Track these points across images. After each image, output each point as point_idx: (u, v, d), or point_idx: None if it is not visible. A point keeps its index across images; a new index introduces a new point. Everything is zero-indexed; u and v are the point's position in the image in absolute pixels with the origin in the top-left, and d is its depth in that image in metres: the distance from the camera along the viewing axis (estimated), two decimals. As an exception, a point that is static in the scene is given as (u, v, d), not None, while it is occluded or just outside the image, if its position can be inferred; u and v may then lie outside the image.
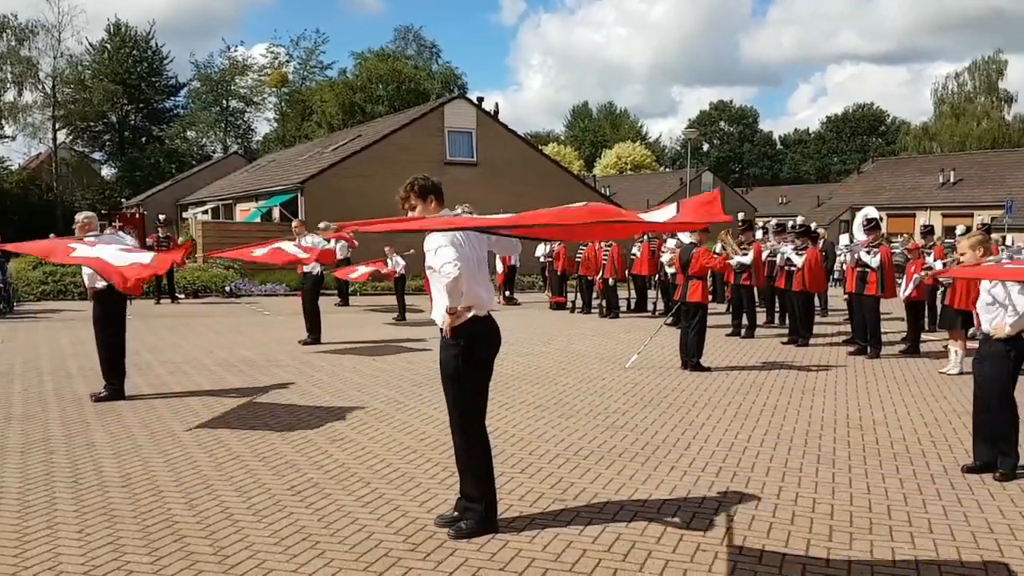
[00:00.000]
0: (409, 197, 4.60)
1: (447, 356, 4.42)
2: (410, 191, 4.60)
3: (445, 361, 4.44)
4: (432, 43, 67.35)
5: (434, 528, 4.52)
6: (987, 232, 11.38)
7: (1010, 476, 5.49)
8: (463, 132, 27.79)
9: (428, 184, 4.60)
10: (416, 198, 4.59)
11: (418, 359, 10.44)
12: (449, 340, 4.37)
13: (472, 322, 4.39)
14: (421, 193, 4.58)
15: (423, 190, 4.58)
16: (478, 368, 4.46)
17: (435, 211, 4.60)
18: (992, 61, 60.26)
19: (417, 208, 4.60)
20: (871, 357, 10.98)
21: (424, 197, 4.58)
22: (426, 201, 4.57)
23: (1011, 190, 38.67)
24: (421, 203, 4.58)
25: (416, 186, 4.59)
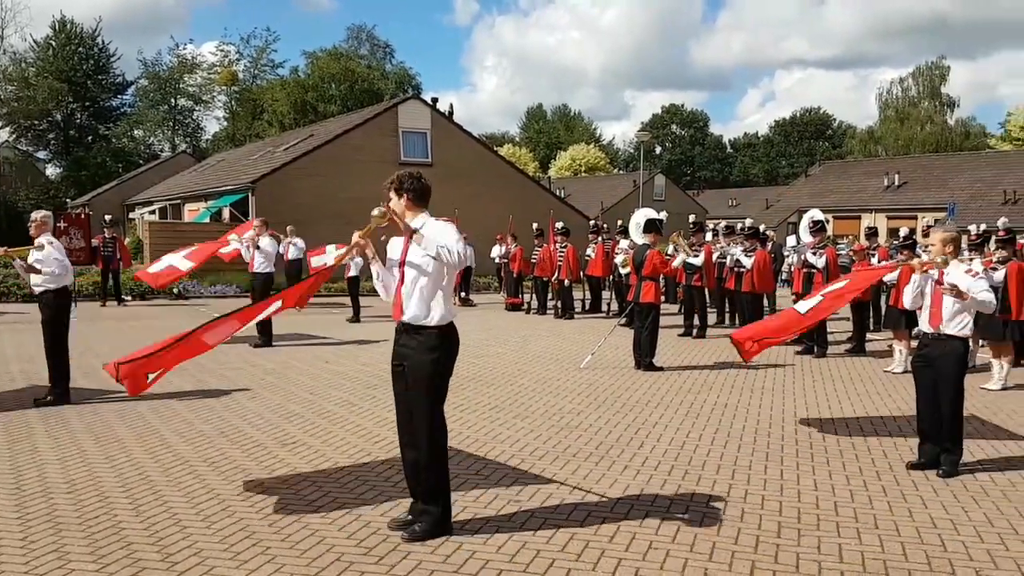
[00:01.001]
0: (390, 188, 4.47)
1: (424, 359, 4.36)
2: (389, 187, 4.45)
3: (420, 364, 4.37)
4: (385, 43, 67.11)
5: (388, 531, 4.49)
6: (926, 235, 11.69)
7: (953, 473, 5.65)
8: (418, 132, 27.68)
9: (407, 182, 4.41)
10: (393, 191, 4.45)
11: (372, 360, 10.37)
12: (428, 343, 4.33)
13: (451, 326, 4.42)
14: (399, 187, 4.42)
15: (400, 185, 4.42)
16: (449, 370, 4.48)
17: (411, 214, 4.43)
18: (935, 67, 61.98)
19: (392, 201, 4.47)
20: (818, 356, 11.22)
21: (399, 193, 4.43)
22: (399, 197, 4.43)
23: (953, 193, 39.82)
24: (396, 197, 4.45)
25: (397, 180, 4.44)
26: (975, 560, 4.21)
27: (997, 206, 35.31)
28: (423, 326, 4.37)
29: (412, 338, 4.41)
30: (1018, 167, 40.74)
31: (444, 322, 4.38)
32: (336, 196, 24.29)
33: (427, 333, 4.36)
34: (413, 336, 4.40)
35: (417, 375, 4.39)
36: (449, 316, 4.41)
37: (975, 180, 41.25)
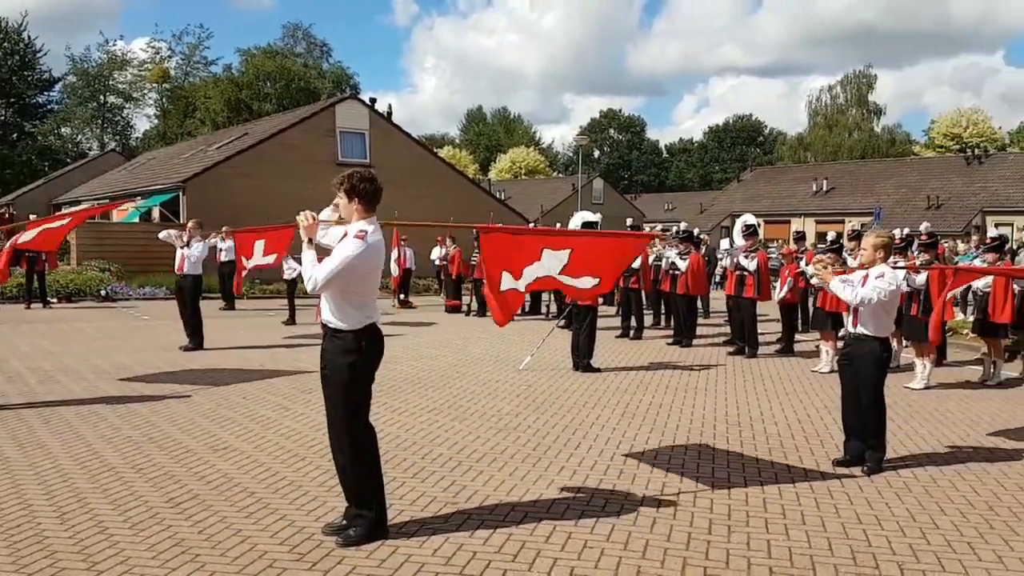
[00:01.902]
0: (338, 188, 4.38)
1: (341, 362, 4.31)
2: (340, 185, 4.36)
3: (338, 367, 4.33)
4: (322, 42, 66.35)
5: (321, 537, 4.43)
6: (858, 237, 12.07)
7: (877, 469, 5.85)
8: (356, 133, 27.40)
9: (360, 186, 4.31)
10: (343, 192, 4.36)
11: (308, 364, 10.22)
12: (345, 346, 4.29)
13: (372, 330, 4.37)
14: (350, 190, 4.33)
15: (352, 188, 4.33)
16: (370, 374, 4.42)
17: (359, 215, 4.34)
18: (863, 75, 64.12)
19: (341, 203, 4.39)
20: (749, 357, 11.49)
21: (349, 196, 4.34)
22: (350, 200, 4.34)
23: (879, 198, 41.22)
24: (345, 200, 4.36)
25: (347, 181, 4.33)
26: (898, 554, 4.36)
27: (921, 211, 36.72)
28: (340, 329, 4.32)
29: (331, 341, 4.37)
30: (941, 173, 42.42)
31: (360, 325, 4.31)
32: (271, 196, 23.84)
33: (344, 336, 4.31)
34: (332, 339, 4.37)
35: (335, 378, 4.34)
36: (368, 319, 4.34)
37: (900, 186, 42.78)
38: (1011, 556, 4.33)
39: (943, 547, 4.46)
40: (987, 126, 61.88)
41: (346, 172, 4.42)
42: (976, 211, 37.52)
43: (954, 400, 8.63)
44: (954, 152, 54.85)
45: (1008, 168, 40.48)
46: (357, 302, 4.31)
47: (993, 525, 4.80)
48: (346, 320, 4.31)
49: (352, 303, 4.31)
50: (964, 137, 60.19)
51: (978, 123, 61.51)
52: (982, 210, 37.50)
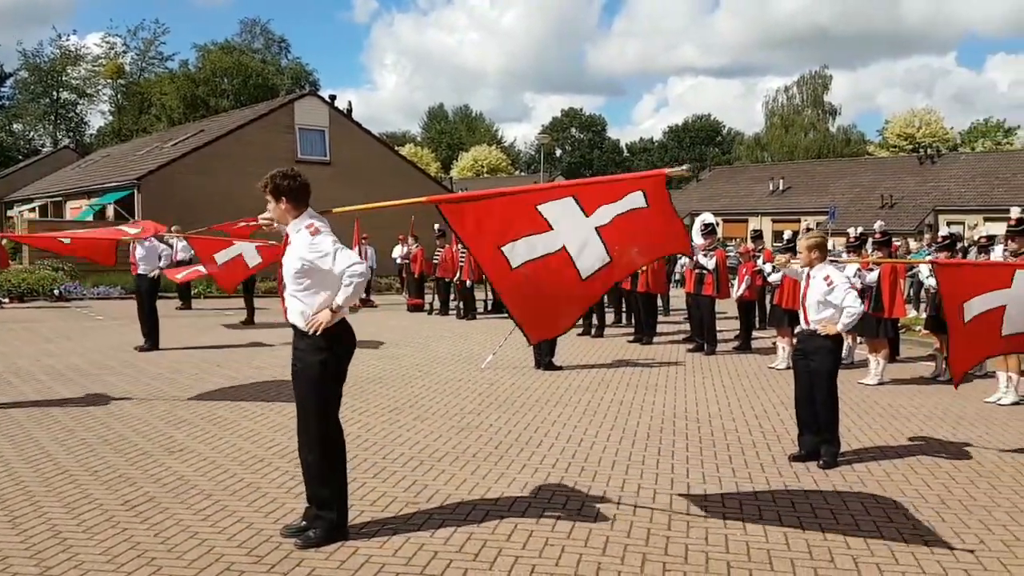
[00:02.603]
0: (264, 191, 4.36)
1: (312, 360, 4.28)
2: (264, 188, 4.35)
3: (309, 365, 4.29)
4: (281, 37, 65.64)
5: (280, 539, 4.39)
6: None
7: (832, 464, 5.96)
8: (315, 130, 27.14)
9: (283, 185, 4.30)
10: (269, 195, 4.35)
11: (267, 364, 10.10)
12: (316, 344, 4.25)
13: (342, 327, 4.34)
14: (274, 192, 4.32)
15: (276, 190, 4.31)
16: (341, 372, 4.39)
17: (290, 214, 4.33)
18: (818, 76, 65.14)
19: (269, 206, 4.38)
20: (707, 354, 11.62)
21: (276, 198, 4.32)
22: (277, 202, 4.33)
23: (834, 197, 41.92)
24: (273, 202, 4.36)
25: (271, 183, 4.31)
26: (852, 548, 4.44)
27: (875, 210, 37.37)
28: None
29: (301, 339, 4.35)
30: (895, 172, 43.27)
31: (329, 325, 4.28)
32: (228, 194, 23.50)
33: (313, 335, 4.28)
34: (302, 338, 4.34)
35: (306, 376, 4.32)
36: (338, 319, 4.32)
37: (855, 185, 43.56)
38: (962, 548, 4.44)
39: (896, 540, 4.55)
40: (939, 126, 63.24)
41: (266, 176, 4.37)
42: (929, 210, 38.35)
43: (907, 395, 8.83)
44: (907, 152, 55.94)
45: (960, 168, 41.46)
46: (326, 299, 4.28)
47: (944, 518, 4.92)
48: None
49: (323, 301, 4.28)
50: (917, 137, 61.44)
51: (931, 123, 62.83)
52: (934, 209, 38.34)
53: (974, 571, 4.14)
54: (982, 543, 4.51)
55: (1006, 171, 38.97)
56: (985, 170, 39.92)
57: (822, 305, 6.02)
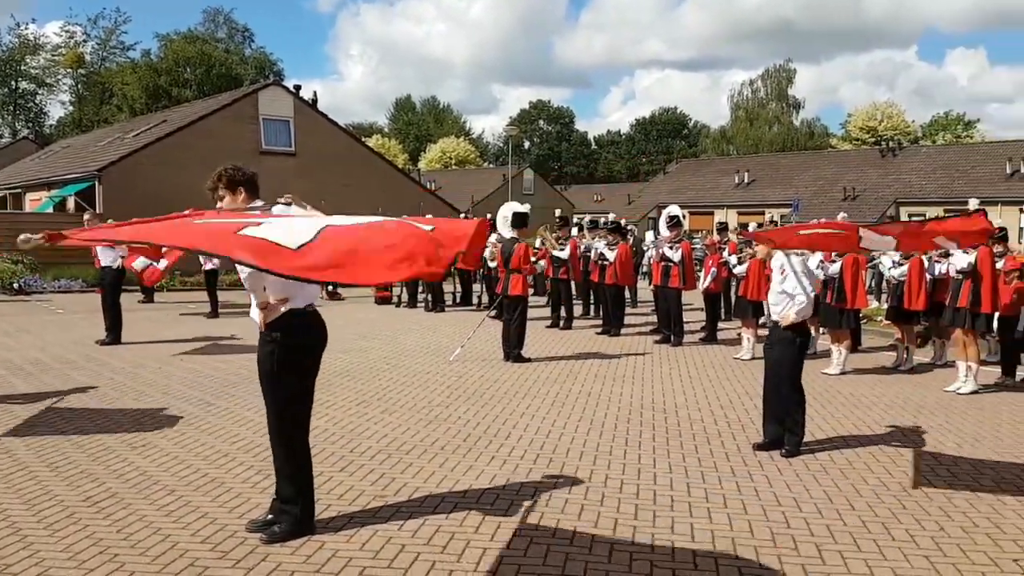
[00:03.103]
0: (217, 188, 4.40)
1: (264, 353, 4.26)
2: (218, 181, 4.39)
3: (262, 359, 4.28)
4: (244, 27, 64.88)
5: (245, 534, 4.35)
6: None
7: (795, 452, 6.04)
8: (280, 120, 26.81)
9: (237, 175, 4.39)
10: (224, 189, 4.39)
11: (231, 358, 9.99)
12: (267, 337, 4.22)
13: (291, 315, 4.26)
14: (230, 184, 4.38)
15: (232, 181, 4.38)
16: (298, 364, 4.32)
17: (245, 203, 4.38)
18: (782, 70, 65.83)
19: (225, 199, 4.40)
20: (674, 345, 11.71)
21: (233, 189, 4.38)
22: (235, 193, 4.38)
23: (798, 189, 42.43)
24: (230, 195, 4.39)
25: (224, 176, 4.39)
26: (815, 535, 4.51)
27: (838, 202, 37.97)
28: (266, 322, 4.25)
29: (261, 334, 4.31)
30: (857, 165, 43.90)
31: (271, 318, 4.23)
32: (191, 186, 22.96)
33: (269, 328, 4.24)
34: (259, 331, 4.31)
35: (261, 370, 4.30)
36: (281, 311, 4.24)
37: (818, 178, 44.13)
38: (923, 535, 4.53)
39: (859, 527, 4.63)
40: (901, 120, 64.30)
41: (214, 174, 4.42)
42: (890, 202, 38.98)
43: (868, 385, 8.97)
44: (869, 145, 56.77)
45: (920, 160, 42.16)
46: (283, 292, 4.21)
47: (906, 505, 5.01)
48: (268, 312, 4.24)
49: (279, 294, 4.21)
50: (879, 130, 62.41)
51: (892, 117, 63.85)
52: (896, 201, 38.99)
53: (934, 557, 4.22)
54: (942, 530, 4.61)
55: (966, 164, 39.73)
56: (945, 163, 40.66)
57: (780, 295, 6.11)
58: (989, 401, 8.14)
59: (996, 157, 38.56)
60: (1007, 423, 7.22)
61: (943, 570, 4.06)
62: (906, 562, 4.15)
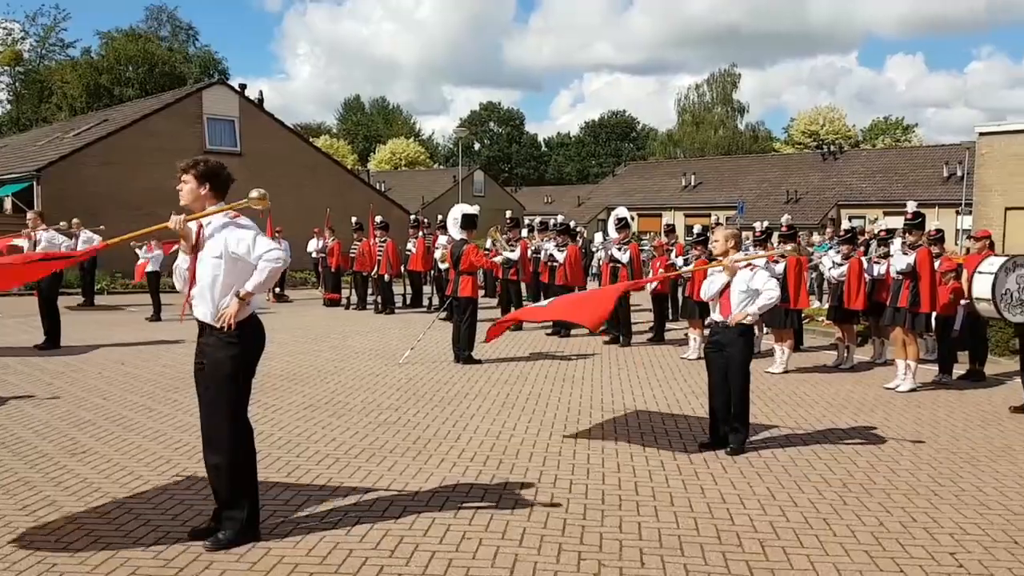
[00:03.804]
0: (186, 171, 4.22)
1: (223, 356, 4.15)
2: (190, 167, 4.22)
3: (220, 361, 4.16)
4: (188, 25, 63.56)
5: (189, 541, 4.26)
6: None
7: (739, 450, 6.15)
8: (224, 120, 26.37)
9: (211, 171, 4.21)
10: (193, 179, 4.21)
11: (174, 362, 9.78)
12: (226, 339, 4.13)
13: (252, 323, 4.23)
14: (200, 177, 4.20)
15: (204, 174, 4.21)
16: (252, 366, 4.29)
17: (207, 202, 4.22)
18: (728, 74, 67.04)
19: (185, 190, 4.23)
20: (623, 345, 11.83)
21: (201, 183, 4.21)
22: (200, 186, 4.22)
23: (743, 192, 43.26)
24: (192, 186, 4.22)
25: (200, 166, 4.21)
26: (759, 532, 4.59)
27: (781, 204, 38.72)
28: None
29: (210, 335, 4.21)
30: (799, 169, 44.91)
31: (242, 317, 4.18)
32: (133, 186, 22.75)
33: (226, 329, 4.15)
34: (211, 333, 4.21)
35: (216, 373, 4.19)
36: (247, 311, 4.21)
37: (762, 181, 45.02)
38: (863, 530, 4.64)
39: (801, 523, 4.73)
40: (842, 124, 65.92)
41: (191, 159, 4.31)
42: (832, 205, 39.95)
43: (810, 383, 9.18)
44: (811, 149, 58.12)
45: (861, 164, 43.30)
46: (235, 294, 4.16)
47: (846, 501, 5.13)
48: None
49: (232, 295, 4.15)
50: (821, 134, 63.88)
51: (834, 121, 65.43)
52: (837, 204, 39.96)
53: (874, 552, 4.33)
54: (882, 525, 4.73)
55: (904, 167, 40.92)
56: (884, 166, 41.82)
57: (744, 294, 6.18)
58: (927, 398, 8.39)
59: (933, 161, 39.81)
60: (944, 420, 7.45)
61: (882, 564, 4.17)
62: (847, 557, 4.26)
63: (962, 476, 5.68)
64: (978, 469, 5.86)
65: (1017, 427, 7.18)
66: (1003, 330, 10.38)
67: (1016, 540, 4.50)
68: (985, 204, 16.73)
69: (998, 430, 7.05)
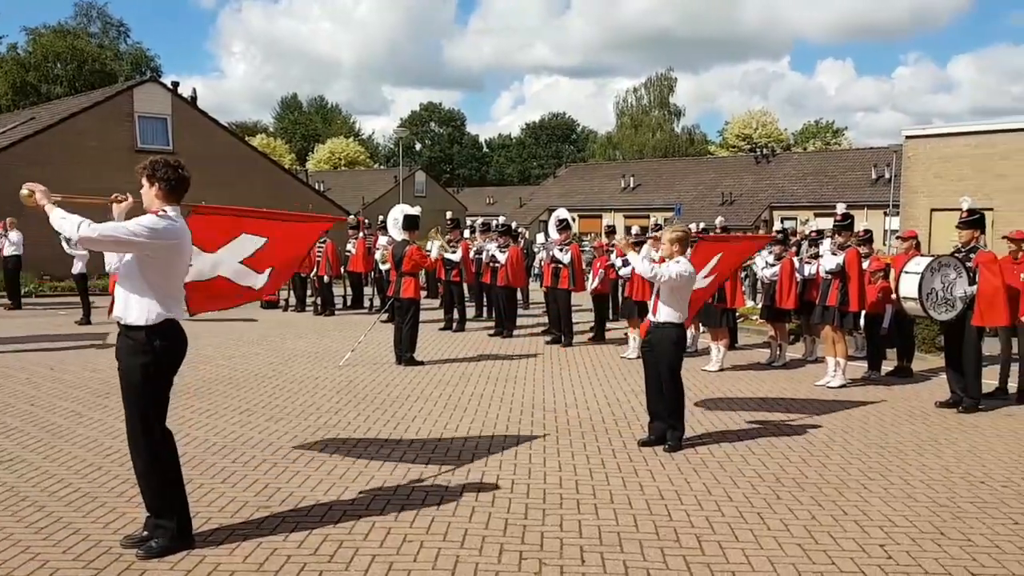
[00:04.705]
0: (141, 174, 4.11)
1: (134, 363, 4.04)
2: (145, 169, 4.11)
3: (131, 368, 4.05)
4: (119, 21, 61.83)
5: (120, 550, 4.15)
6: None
7: (677, 447, 6.26)
8: (156, 118, 25.68)
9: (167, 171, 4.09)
10: (147, 179, 4.10)
11: (104, 366, 9.49)
12: (137, 345, 4.02)
13: (168, 325, 4.10)
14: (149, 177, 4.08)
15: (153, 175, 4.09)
16: (169, 376, 4.17)
17: (157, 202, 4.10)
18: (664, 78, 68.13)
19: (143, 191, 4.13)
20: (565, 345, 11.92)
21: (151, 182, 4.09)
22: (151, 187, 4.10)
23: (680, 194, 44.00)
24: (145, 187, 4.12)
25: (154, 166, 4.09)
26: (696, 527, 4.68)
27: (716, 206, 39.48)
28: (133, 325, 4.05)
29: (125, 339, 4.10)
30: (734, 171, 45.84)
31: (155, 320, 4.04)
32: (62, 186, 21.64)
33: (137, 334, 4.05)
34: (126, 336, 4.09)
35: (127, 380, 4.07)
36: (165, 314, 4.07)
37: (698, 183, 45.83)
38: (796, 524, 4.77)
39: (736, 518, 4.83)
40: (774, 127, 67.54)
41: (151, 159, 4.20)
42: (765, 206, 40.89)
43: (745, 381, 9.39)
44: (745, 152, 59.45)
45: (792, 167, 44.41)
46: (153, 294, 4.04)
47: (780, 495, 5.26)
48: (139, 314, 4.03)
49: (148, 295, 4.04)
50: (754, 138, 65.37)
51: (766, 125, 66.99)
52: (770, 205, 40.93)
53: (807, 545, 4.45)
54: (814, 518, 4.86)
55: (834, 169, 42.12)
56: (815, 168, 42.98)
57: (673, 293, 6.30)
58: (857, 394, 8.65)
59: (862, 164, 41.05)
60: (873, 414, 7.70)
61: (815, 557, 4.29)
62: (780, 550, 4.36)
63: (891, 470, 5.87)
64: (906, 462, 6.07)
65: (942, 421, 7.46)
66: (929, 328, 10.77)
67: (942, 531, 4.67)
68: (912, 205, 17.34)
69: (924, 425, 7.32)
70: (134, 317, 4.04)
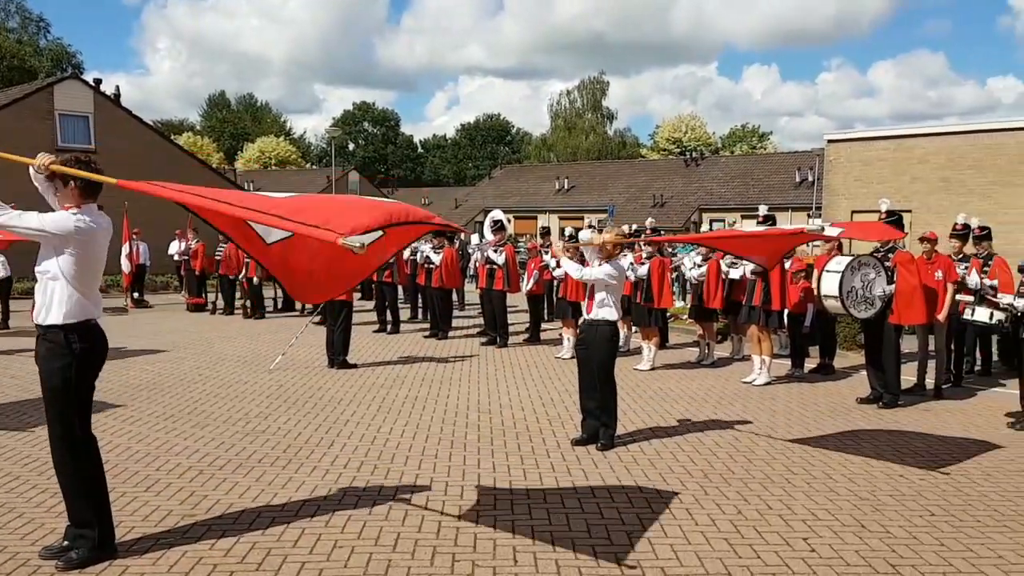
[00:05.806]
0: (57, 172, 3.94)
1: (53, 367, 3.90)
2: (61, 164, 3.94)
3: (50, 372, 3.91)
4: (39, 16, 59.57)
5: (39, 562, 3.99)
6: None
7: (609, 445, 6.34)
8: (78, 116, 24.84)
9: (80, 168, 3.93)
10: (59, 179, 3.95)
11: (23, 372, 9.13)
12: (57, 349, 3.87)
13: (88, 328, 3.97)
14: (63, 176, 3.93)
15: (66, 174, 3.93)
16: (90, 379, 4.03)
17: (71, 201, 3.96)
18: (597, 82, 68.89)
19: (58, 190, 3.98)
20: (500, 346, 11.94)
21: (65, 181, 3.94)
22: (65, 186, 3.95)
23: (613, 196, 44.60)
24: (59, 185, 3.97)
25: (65, 164, 3.93)
26: (627, 524, 4.74)
27: (648, 208, 40.10)
28: (50, 326, 3.92)
29: (42, 341, 3.96)
30: (665, 174, 46.67)
31: (73, 320, 3.91)
32: (-25, 185, 21.02)
33: (53, 335, 3.91)
34: (43, 339, 3.95)
35: (47, 384, 3.94)
36: (83, 315, 3.95)
37: (631, 185, 46.50)
38: (723, 519, 4.87)
39: (665, 514, 4.92)
40: (703, 131, 68.99)
41: (64, 156, 4.04)
42: (694, 208, 41.76)
43: (675, 379, 9.56)
44: (675, 155, 60.52)
45: (720, 170, 45.44)
46: (69, 294, 3.90)
47: (707, 491, 5.38)
48: (56, 315, 3.89)
49: (64, 294, 3.90)
50: (684, 141, 66.66)
51: (695, 129, 68.38)
52: (699, 208, 41.81)
53: (733, 539, 4.56)
54: (740, 513, 4.98)
55: (760, 172, 43.24)
56: (742, 172, 44.06)
57: (602, 297, 6.38)
58: (781, 391, 8.90)
59: (787, 167, 42.26)
60: (796, 410, 7.92)
61: (741, 551, 4.39)
62: (708, 545, 4.46)
63: (813, 464, 6.05)
64: (828, 457, 6.26)
65: (863, 416, 7.73)
66: (850, 326, 11.15)
67: (863, 524, 4.83)
68: (833, 207, 17.91)
69: (846, 420, 7.57)
70: (52, 317, 3.90)
